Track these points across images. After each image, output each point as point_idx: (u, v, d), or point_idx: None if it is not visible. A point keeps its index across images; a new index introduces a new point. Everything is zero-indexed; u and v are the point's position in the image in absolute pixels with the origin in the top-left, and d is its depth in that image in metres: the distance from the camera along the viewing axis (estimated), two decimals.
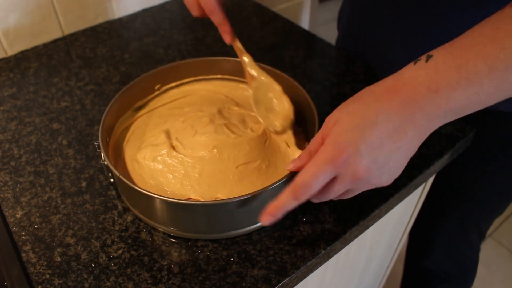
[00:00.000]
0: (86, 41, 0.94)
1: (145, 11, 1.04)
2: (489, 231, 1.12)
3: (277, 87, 0.64)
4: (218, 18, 0.63)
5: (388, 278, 1.19)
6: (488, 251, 1.67)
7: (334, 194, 0.48)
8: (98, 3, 0.96)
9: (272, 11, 1.04)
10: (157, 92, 0.73)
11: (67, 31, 0.95)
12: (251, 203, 0.53)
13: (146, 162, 0.61)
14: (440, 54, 0.45)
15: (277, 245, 0.56)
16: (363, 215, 0.60)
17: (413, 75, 0.45)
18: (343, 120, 0.46)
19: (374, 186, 0.48)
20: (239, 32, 0.95)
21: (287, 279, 0.53)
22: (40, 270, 0.54)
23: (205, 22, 1.00)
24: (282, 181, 0.53)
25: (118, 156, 0.64)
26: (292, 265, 0.54)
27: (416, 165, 0.66)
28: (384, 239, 0.85)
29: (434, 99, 0.44)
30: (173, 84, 0.75)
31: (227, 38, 0.66)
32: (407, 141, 0.46)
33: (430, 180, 0.83)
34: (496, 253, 1.67)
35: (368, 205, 0.61)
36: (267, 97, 0.65)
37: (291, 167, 0.51)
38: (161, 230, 0.58)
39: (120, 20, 1.00)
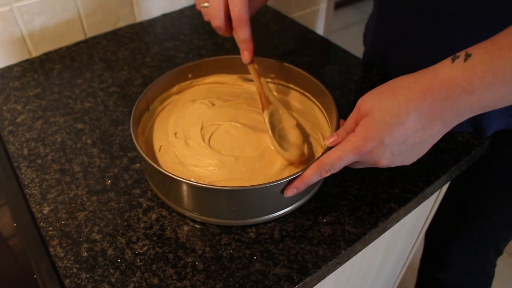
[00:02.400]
0: (108, 44, 0.96)
1: (164, 16, 1.06)
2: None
3: (293, 120, 0.65)
4: (245, 33, 0.62)
5: (398, 286, 1.20)
6: (499, 263, 1.67)
7: (354, 167, 0.55)
8: (120, 7, 0.98)
9: (290, 18, 1.05)
10: (188, 82, 0.76)
11: (89, 34, 0.98)
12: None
13: (176, 148, 0.64)
14: (479, 53, 0.45)
15: (298, 245, 0.58)
16: (382, 218, 0.61)
17: (450, 75, 0.46)
18: (374, 115, 0.50)
19: (396, 165, 0.53)
20: (257, 38, 0.97)
21: (308, 278, 0.54)
22: (67, 265, 0.56)
23: None
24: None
25: (149, 145, 0.67)
26: (313, 264, 0.55)
27: (433, 170, 0.67)
28: (398, 243, 0.86)
29: (467, 99, 0.46)
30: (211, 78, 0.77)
31: (247, 57, 0.65)
32: (433, 134, 0.49)
33: (445, 187, 0.84)
34: (508, 266, 1.66)
35: (386, 208, 0.62)
36: (280, 126, 0.65)
37: (329, 142, 0.55)
38: (187, 215, 0.61)
39: (141, 24, 1.03)
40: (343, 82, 0.85)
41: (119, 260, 0.56)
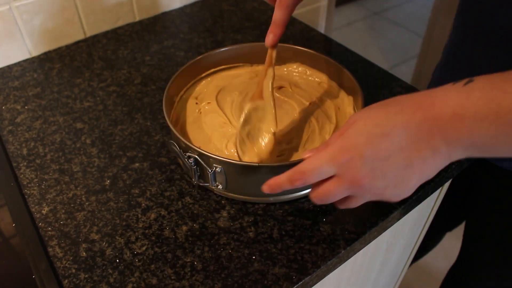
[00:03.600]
0: (107, 43, 0.96)
1: (164, 14, 1.05)
2: None
3: (273, 126, 0.61)
4: (280, 16, 0.58)
5: (400, 286, 1.19)
6: None
7: (334, 195, 0.48)
8: (120, 6, 0.98)
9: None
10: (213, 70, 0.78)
11: (89, 33, 0.97)
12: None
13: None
14: (481, 81, 0.41)
15: (297, 244, 0.57)
16: (382, 217, 0.61)
17: (445, 95, 0.43)
18: (359, 123, 0.46)
19: (378, 199, 0.47)
20: (257, 36, 0.97)
21: (307, 277, 0.54)
22: (66, 265, 0.56)
23: (224, 25, 1.01)
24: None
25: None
26: (312, 264, 0.55)
27: None
28: (400, 242, 0.86)
29: (456, 126, 0.41)
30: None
31: (270, 40, 0.61)
32: (420, 162, 0.44)
33: (447, 184, 0.84)
34: None
35: (386, 207, 0.62)
36: (257, 125, 0.62)
37: (307, 156, 0.50)
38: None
39: (141, 22, 1.02)
40: None
41: (117, 260, 0.56)
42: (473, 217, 0.90)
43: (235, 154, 0.62)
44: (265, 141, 0.61)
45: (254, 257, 0.56)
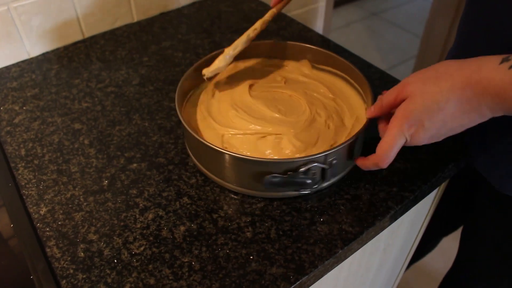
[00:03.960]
0: (105, 44, 0.96)
1: (162, 15, 1.06)
2: None
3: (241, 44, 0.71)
4: None
5: (398, 286, 1.19)
6: None
7: (393, 142, 0.57)
8: (118, 7, 0.98)
9: (288, 16, 1.05)
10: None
11: (87, 34, 0.98)
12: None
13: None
14: None
15: (295, 244, 0.57)
16: (379, 216, 0.61)
17: (490, 75, 0.48)
18: (417, 98, 0.53)
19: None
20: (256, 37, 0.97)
21: (305, 277, 0.54)
22: (64, 265, 0.56)
23: (221, 26, 1.02)
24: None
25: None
26: (310, 264, 0.55)
27: (430, 169, 0.67)
28: (397, 242, 0.86)
29: (500, 103, 0.48)
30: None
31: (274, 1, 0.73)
32: (469, 121, 0.52)
33: (444, 184, 0.84)
34: None
35: (384, 207, 0.62)
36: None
37: (367, 115, 0.62)
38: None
39: (139, 23, 1.02)
40: None
41: (115, 261, 0.56)
42: (470, 219, 0.90)
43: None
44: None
45: (251, 257, 0.56)
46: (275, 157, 0.62)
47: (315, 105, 0.69)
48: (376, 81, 0.84)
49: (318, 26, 1.44)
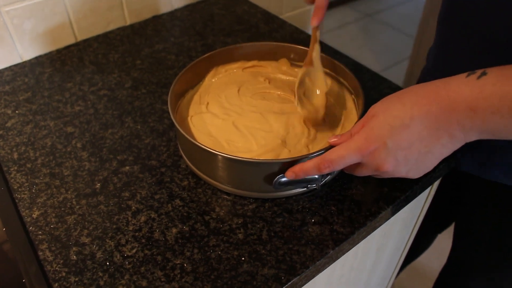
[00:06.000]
0: (98, 47, 0.96)
1: (155, 18, 1.06)
2: None
3: (324, 87, 0.69)
4: (323, 1, 0.66)
5: (393, 286, 1.20)
6: None
7: (359, 174, 0.55)
8: (110, 10, 0.98)
9: (280, 19, 1.06)
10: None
11: (80, 38, 0.98)
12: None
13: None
14: (494, 75, 0.44)
15: (286, 245, 0.58)
16: (370, 217, 0.61)
17: (459, 88, 0.46)
18: (379, 116, 0.51)
19: (401, 176, 0.53)
20: (248, 39, 0.98)
21: (296, 278, 0.54)
22: (56, 268, 0.56)
23: (214, 28, 1.02)
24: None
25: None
26: (301, 265, 0.55)
27: None
28: (391, 241, 0.87)
29: (471, 117, 0.45)
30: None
31: (315, 21, 0.69)
32: (440, 147, 0.49)
33: (436, 183, 0.85)
34: None
35: (375, 207, 0.62)
36: (311, 88, 0.69)
37: (332, 141, 0.56)
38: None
39: (132, 26, 1.03)
40: None
41: (108, 263, 0.57)
42: (462, 216, 0.91)
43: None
44: (319, 98, 0.68)
45: (243, 259, 0.56)
46: (285, 158, 0.63)
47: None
48: (369, 82, 0.85)
49: (310, 28, 1.45)
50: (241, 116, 0.71)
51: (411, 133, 0.48)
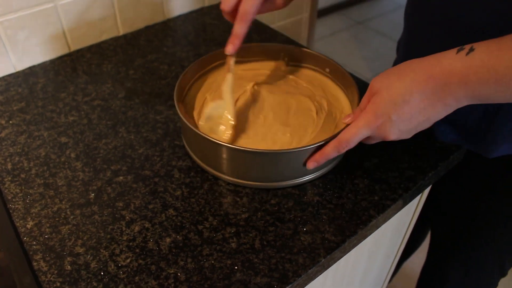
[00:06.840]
0: (92, 57, 0.97)
1: (148, 28, 1.07)
2: None
3: (233, 121, 0.68)
4: (240, 30, 0.66)
5: None
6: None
7: (367, 143, 0.63)
8: (104, 20, 0.99)
9: (271, 28, 1.07)
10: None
11: (73, 48, 0.98)
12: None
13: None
14: (480, 50, 0.50)
15: (278, 254, 0.59)
16: (361, 225, 0.62)
17: (450, 65, 0.52)
18: (383, 94, 0.57)
19: (401, 139, 0.60)
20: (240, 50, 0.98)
21: (288, 286, 0.55)
22: (51, 278, 0.57)
23: (207, 38, 1.03)
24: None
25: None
26: (293, 273, 0.56)
27: (411, 177, 0.69)
28: (382, 249, 0.88)
29: (463, 89, 0.52)
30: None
31: (230, 49, 0.69)
32: (435, 114, 0.56)
33: (426, 191, 0.86)
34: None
35: (365, 216, 0.63)
36: (217, 121, 0.69)
37: (347, 120, 0.64)
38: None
39: (125, 37, 1.04)
40: None
41: (102, 273, 0.57)
42: (437, 201, 0.95)
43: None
44: (226, 133, 0.69)
45: (236, 267, 0.57)
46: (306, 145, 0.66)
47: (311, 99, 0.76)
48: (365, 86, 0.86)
49: (303, 37, 1.46)
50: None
51: (412, 107, 0.55)
